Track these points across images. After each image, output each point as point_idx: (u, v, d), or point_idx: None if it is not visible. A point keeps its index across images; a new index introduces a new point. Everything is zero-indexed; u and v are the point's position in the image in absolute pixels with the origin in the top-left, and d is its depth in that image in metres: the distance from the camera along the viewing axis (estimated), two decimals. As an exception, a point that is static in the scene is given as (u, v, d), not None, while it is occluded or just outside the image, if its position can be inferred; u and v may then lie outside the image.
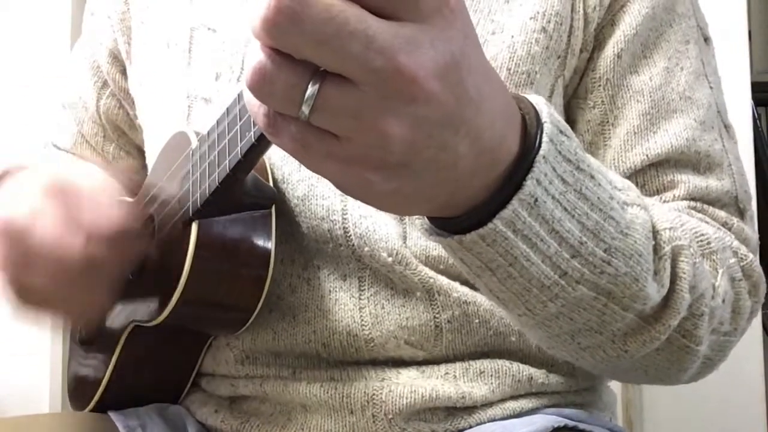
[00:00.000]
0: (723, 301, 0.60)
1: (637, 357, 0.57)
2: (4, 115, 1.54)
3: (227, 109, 0.60)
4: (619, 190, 0.52)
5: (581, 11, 0.70)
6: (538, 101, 0.45)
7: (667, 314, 0.55)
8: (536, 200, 0.44)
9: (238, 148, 0.58)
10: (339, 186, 0.40)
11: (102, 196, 0.63)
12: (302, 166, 0.69)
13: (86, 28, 0.91)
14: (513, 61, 0.68)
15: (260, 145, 0.56)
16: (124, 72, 0.86)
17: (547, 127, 0.44)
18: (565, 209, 0.46)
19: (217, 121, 0.62)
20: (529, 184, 0.43)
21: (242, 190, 0.64)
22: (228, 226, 0.64)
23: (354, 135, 0.37)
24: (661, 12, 0.71)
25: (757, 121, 1.62)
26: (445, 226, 0.46)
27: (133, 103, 0.85)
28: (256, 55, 0.36)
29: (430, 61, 0.36)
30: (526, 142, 0.44)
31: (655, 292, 0.53)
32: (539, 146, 0.44)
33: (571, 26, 0.69)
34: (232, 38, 0.75)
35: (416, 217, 0.48)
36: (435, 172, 0.40)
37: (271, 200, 0.66)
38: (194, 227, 0.63)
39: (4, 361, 1.62)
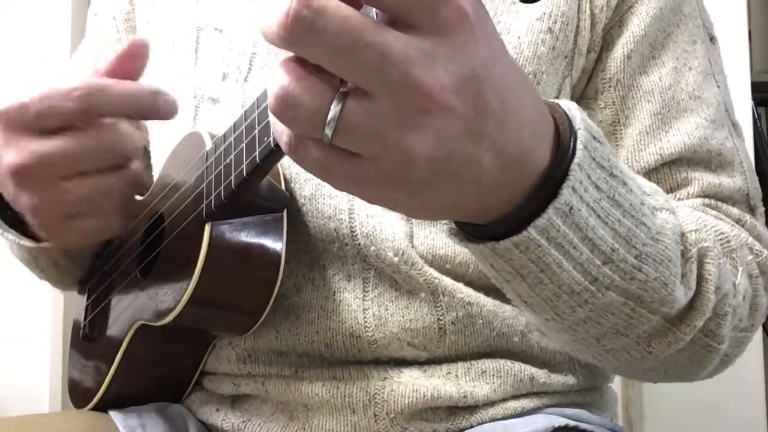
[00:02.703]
0: (744, 298, 0.61)
1: (660, 357, 0.57)
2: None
3: (245, 112, 0.60)
4: (649, 195, 0.52)
5: (588, 11, 0.70)
6: (571, 107, 0.45)
7: (693, 315, 0.55)
8: (571, 208, 0.44)
9: (256, 153, 0.58)
10: (367, 201, 0.41)
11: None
12: None
13: (90, 28, 0.91)
14: (519, 61, 0.68)
15: (278, 151, 0.56)
16: None
17: (581, 134, 0.44)
18: (599, 216, 0.46)
19: (234, 125, 0.62)
20: (565, 193, 0.43)
21: (256, 194, 0.64)
22: (240, 229, 0.64)
23: (377, 155, 0.37)
24: (668, 13, 0.71)
25: (757, 121, 1.62)
26: (476, 232, 0.46)
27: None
28: (277, 80, 0.36)
29: (446, 75, 0.36)
30: (559, 149, 0.44)
31: (682, 295, 0.53)
32: (573, 154, 0.43)
33: (578, 26, 0.70)
34: (239, 38, 0.75)
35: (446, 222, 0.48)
36: (460, 186, 0.40)
37: (284, 204, 0.67)
38: (207, 229, 0.63)
39: (4, 361, 1.62)
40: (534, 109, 0.42)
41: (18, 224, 0.70)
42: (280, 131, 0.39)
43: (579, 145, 0.44)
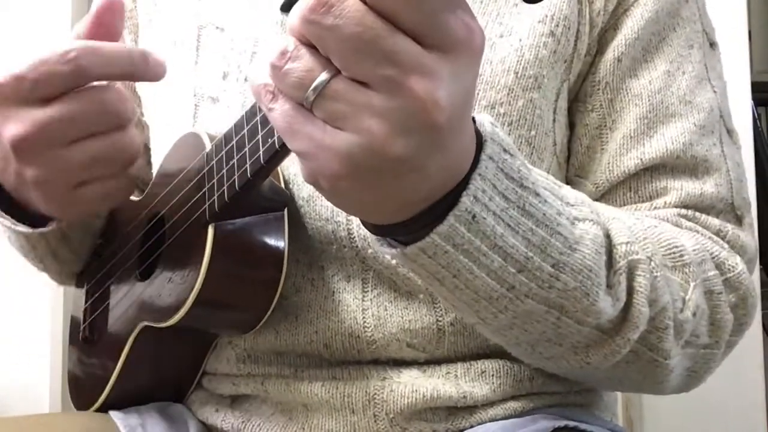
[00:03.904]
0: (694, 314, 0.60)
1: (603, 368, 0.58)
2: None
3: (246, 114, 0.61)
4: (571, 205, 0.53)
5: (587, 16, 0.69)
6: (483, 121, 0.47)
7: (626, 327, 0.56)
8: (474, 216, 0.46)
9: (260, 153, 0.58)
10: (307, 176, 0.43)
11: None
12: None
13: None
14: (521, 64, 0.67)
15: (282, 151, 0.56)
16: None
17: (487, 146, 0.46)
18: (508, 225, 0.48)
19: (235, 126, 0.62)
20: (465, 201, 0.45)
21: (259, 194, 0.64)
22: (243, 229, 0.64)
23: (348, 132, 0.40)
24: (664, 16, 0.71)
25: (757, 121, 1.62)
26: (385, 232, 0.48)
27: (141, 101, 0.85)
28: (283, 41, 0.40)
29: (444, 94, 0.39)
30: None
31: (609, 306, 0.54)
32: (476, 164, 0.46)
33: (578, 30, 0.69)
34: (240, 37, 0.75)
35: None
36: (399, 190, 0.43)
37: (285, 203, 0.67)
38: (210, 230, 0.63)
39: (4, 361, 1.62)
40: (470, 125, 0.45)
41: (15, 212, 0.70)
42: (261, 85, 0.42)
43: (483, 156, 0.46)
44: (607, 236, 0.56)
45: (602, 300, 0.53)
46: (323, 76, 0.39)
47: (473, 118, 0.47)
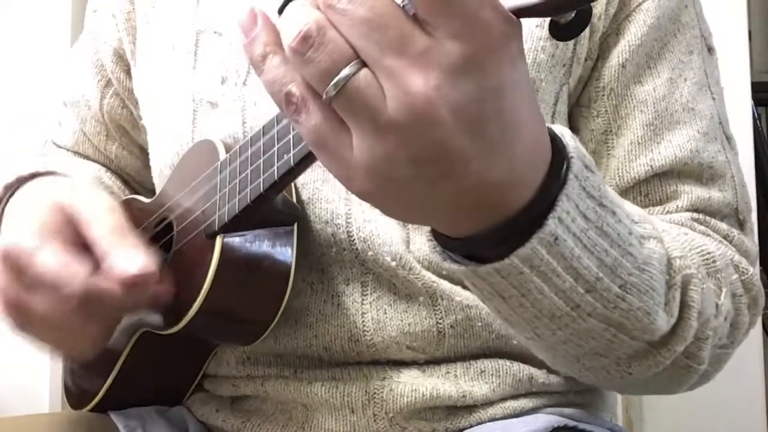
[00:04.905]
0: (725, 318, 0.60)
1: (641, 378, 0.57)
2: (4, 114, 1.54)
3: (263, 128, 0.60)
4: (637, 223, 0.51)
5: None
6: (564, 133, 0.44)
7: (674, 341, 0.55)
8: (557, 239, 0.43)
9: (275, 168, 0.57)
10: (340, 181, 0.41)
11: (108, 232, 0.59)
12: (307, 169, 0.68)
13: (88, 25, 0.90)
14: None
15: (297, 169, 0.56)
16: (128, 72, 0.85)
17: (573, 163, 0.43)
18: (585, 246, 0.45)
19: (251, 138, 0.61)
20: (551, 223, 0.43)
21: (271, 208, 0.64)
22: (252, 242, 0.64)
23: (365, 135, 0.38)
24: (666, 22, 0.71)
25: (757, 121, 1.62)
26: (452, 246, 0.45)
27: (137, 103, 0.84)
28: (306, 25, 0.37)
29: (452, 89, 0.36)
30: (550, 179, 0.43)
31: (664, 323, 0.53)
32: (564, 183, 0.43)
33: None
34: (239, 42, 0.75)
35: (429, 238, 0.48)
36: (434, 198, 0.40)
37: (295, 217, 0.66)
38: (218, 241, 0.63)
39: (4, 361, 1.62)
40: (535, 142, 0.41)
41: None
42: (279, 83, 0.39)
43: (570, 176, 0.43)
44: (666, 252, 0.55)
45: (660, 318, 0.52)
46: (347, 70, 0.37)
47: (552, 129, 0.44)
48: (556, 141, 0.44)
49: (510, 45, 0.37)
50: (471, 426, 0.68)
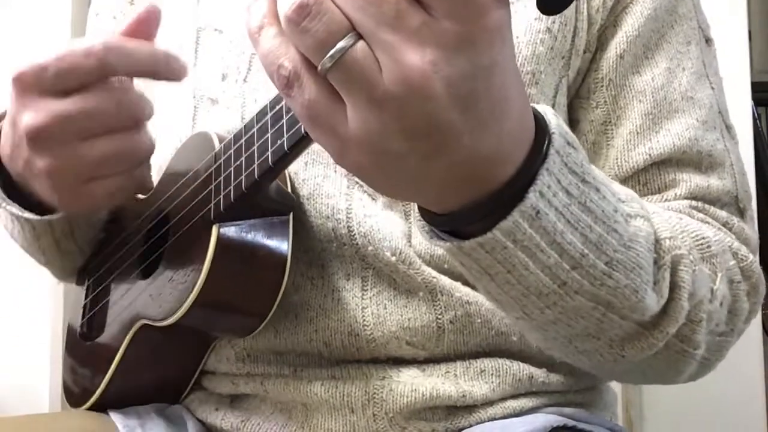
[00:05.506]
0: (721, 304, 0.61)
1: (634, 361, 0.57)
2: (4, 115, 1.54)
3: (256, 115, 0.60)
4: (623, 201, 0.52)
5: (585, 12, 0.71)
6: (546, 111, 0.45)
7: (666, 322, 0.56)
8: (538, 212, 0.44)
9: (268, 154, 0.57)
10: (334, 158, 0.41)
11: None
12: (308, 165, 0.69)
13: (91, 28, 0.91)
14: (518, 60, 0.68)
15: (291, 153, 0.56)
16: None
17: (554, 139, 0.44)
18: (568, 221, 0.46)
19: (245, 126, 0.62)
20: (531, 197, 0.43)
21: (265, 196, 0.64)
22: (248, 231, 0.64)
23: (361, 108, 0.38)
24: (662, 13, 0.71)
25: (757, 121, 1.62)
26: (438, 222, 0.46)
27: None
28: None
29: (446, 65, 0.37)
30: (532, 154, 0.44)
31: (654, 303, 0.54)
32: (545, 158, 0.44)
33: (576, 27, 0.70)
34: (239, 39, 0.75)
35: (419, 218, 0.49)
36: (424, 172, 0.40)
37: (290, 207, 0.67)
38: (214, 230, 0.63)
39: (4, 361, 1.62)
40: (520, 119, 0.42)
41: (17, 200, 0.70)
42: (276, 53, 0.39)
43: (551, 150, 0.44)
44: (654, 232, 0.55)
45: (649, 297, 0.52)
46: (343, 42, 0.37)
47: (535, 108, 0.45)
48: (539, 120, 0.45)
49: (501, 25, 0.38)
50: (471, 426, 0.68)
